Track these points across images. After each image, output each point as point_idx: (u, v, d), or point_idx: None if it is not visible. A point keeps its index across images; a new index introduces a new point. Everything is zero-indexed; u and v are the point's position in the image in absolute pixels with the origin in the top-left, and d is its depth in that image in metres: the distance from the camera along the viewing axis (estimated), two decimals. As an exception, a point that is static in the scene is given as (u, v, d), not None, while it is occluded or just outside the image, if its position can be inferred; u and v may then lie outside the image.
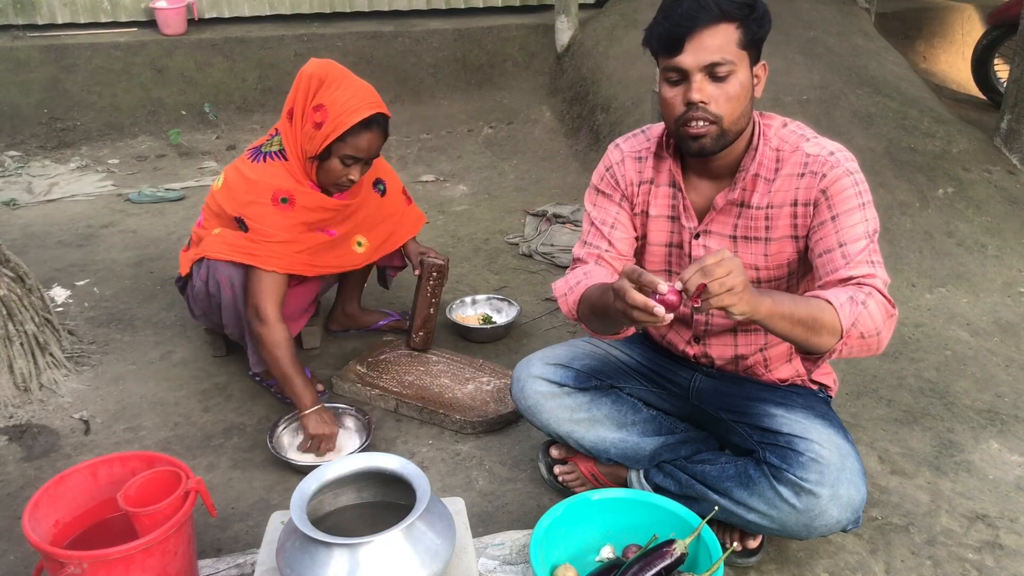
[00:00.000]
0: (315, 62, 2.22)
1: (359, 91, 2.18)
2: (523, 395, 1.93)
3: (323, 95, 2.16)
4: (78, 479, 1.70)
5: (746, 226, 1.72)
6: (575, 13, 5.22)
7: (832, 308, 1.47)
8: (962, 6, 6.36)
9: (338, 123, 2.15)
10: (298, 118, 2.21)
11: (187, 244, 2.51)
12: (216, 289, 2.28)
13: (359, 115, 2.15)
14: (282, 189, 2.23)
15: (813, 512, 1.61)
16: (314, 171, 2.26)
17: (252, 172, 2.27)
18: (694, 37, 1.53)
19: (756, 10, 1.55)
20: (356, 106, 2.15)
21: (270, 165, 2.26)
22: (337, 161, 2.21)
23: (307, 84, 2.19)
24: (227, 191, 2.30)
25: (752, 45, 1.57)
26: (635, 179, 1.81)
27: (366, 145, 2.20)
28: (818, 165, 1.63)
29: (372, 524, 1.53)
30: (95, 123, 4.86)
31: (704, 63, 1.53)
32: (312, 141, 2.19)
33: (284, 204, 2.24)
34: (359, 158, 2.22)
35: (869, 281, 1.54)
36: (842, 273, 1.56)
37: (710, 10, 1.52)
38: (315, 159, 2.22)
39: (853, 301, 1.48)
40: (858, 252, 1.57)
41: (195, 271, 2.32)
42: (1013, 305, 3.05)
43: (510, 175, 4.41)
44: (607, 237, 1.81)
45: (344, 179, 2.25)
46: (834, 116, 3.89)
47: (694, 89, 1.55)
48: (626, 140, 1.85)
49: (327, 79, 2.17)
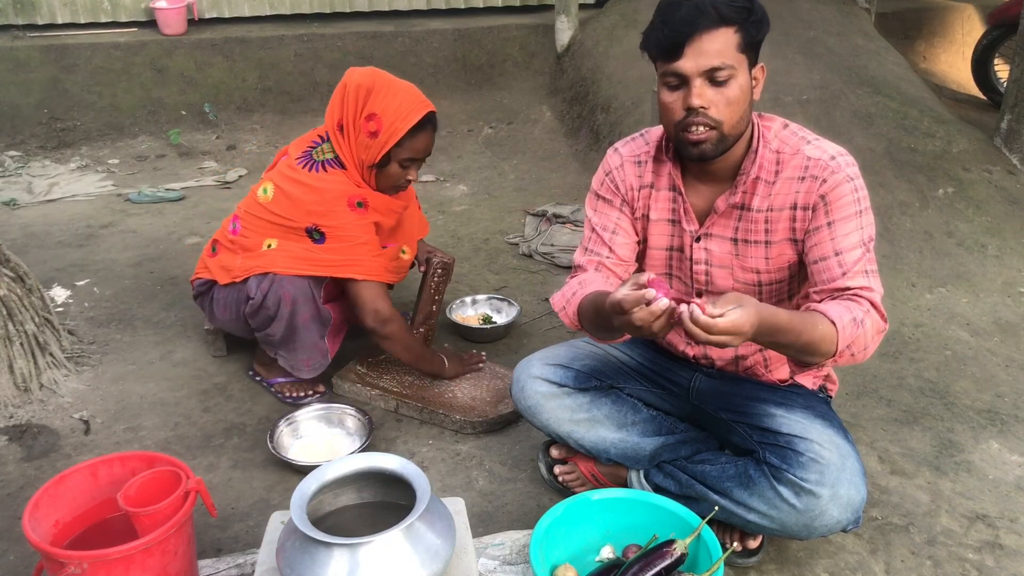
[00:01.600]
0: (357, 71, 2.26)
1: (408, 94, 2.23)
2: (523, 395, 1.93)
3: (373, 104, 2.19)
4: (78, 479, 1.70)
5: (747, 229, 1.71)
6: (575, 13, 5.22)
7: (835, 330, 1.49)
8: (962, 6, 6.37)
9: (394, 130, 2.19)
10: (351, 130, 2.24)
11: (212, 249, 2.47)
12: (275, 303, 2.27)
13: (413, 118, 2.20)
14: (356, 194, 2.27)
15: (813, 512, 1.61)
16: (373, 177, 2.29)
17: (317, 181, 2.26)
18: (693, 42, 1.52)
19: (754, 13, 1.55)
20: (408, 110, 2.20)
21: (332, 173, 2.27)
22: (396, 165, 2.27)
23: (355, 95, 2.21)
24: (289, 201, 2.28)
25: (750, 48, 1.57)
26: (635, 183, 1.81)
27: (423, 146, 2.27)
28: (819, 169, 1.63)
29: (372, 524, 1.53)
30: (95, 123, 4.86)
31: (704, 68, 1.53)
32: (369, 150, 2.23)
33: (360, 208, 2.27)
34: (417, 159, 2.29)
35: (866, 295, 1.56)
36: (839, 283, 1.58)
37: (709, 15, 1.51)
38: (374, 167, 2.26)
39: (855, 323, 1.51)
40: (855, 262, 1.58)
41: (254, 284, 2.29)
42: (1013, 305, 3.05)
43: (510, 175, 4.41)
44: (608, 243, 1.81)
45: (403, 180, 2.31)
46: (834, 116, 3.89)
47: (694, 94, 1.55)
48: (625, 144, 1.85)
49: (374, 87, 2.21)
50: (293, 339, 2.34)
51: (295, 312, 2.28)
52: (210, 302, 2.46)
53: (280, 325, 2.31)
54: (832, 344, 1.49)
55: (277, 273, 2.26)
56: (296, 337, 2.33)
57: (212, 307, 2.46)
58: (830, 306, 1.54)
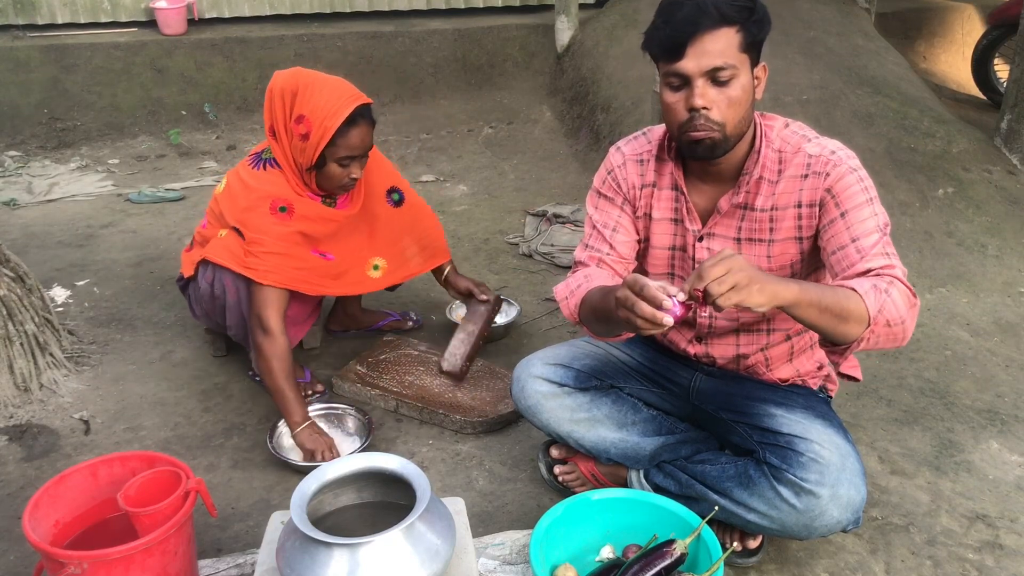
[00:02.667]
0: (280, 75, 2.20)
1: (334, 90, 2.15)
2: (523, 395, 1.93)
3: (300, 105, 2.14)
4: (78, 479, 1.70)
5: (750, 228, 1.71)
6: (575, 13, 5.22)
7: (858, 296, 1.44)
8: (962, 6, 6.36)
9: (324, 129, 2.12)
10: (282, 134, 2.20)
11: (189, 244, 2.50)
12: (222, 291, 2.27)
13: (342, 114, 2.12)
14: (280, 197, 2.22)
15: (813, 512, 1.61)
16: (313, 180, 2.24)
17: (252, 179, 2.26)
18: (695, 42, 1.52)
19: (756, 12, 1.55)
20: (336, 106, 2.12)
21: (269, 173, 2.25)
22: (334, 165, 2.20)
23: (280, 99, 2.17)
24: (228, 196, 2.29)
25: (752, 47, 1.57)
26: (637, 182, 1.81)
27: (358, 141, 2.18)
28: (821, 165, 1.63)
29: (372, 524, 1.53)
30: (95, 123, 4.86)
31: (706, 68, 1.53)
32: (304, 153, 2.18)
33: (282, 213, 2.22)
34: (354, 155, 2.21)
35: (888, 272, 1.52)
36: (859, 267, 1.54)
37: (710, 14, 1.51)
38: (312, 169, 2.21)
39: (877, 289, 1.46)
40: (872, 245, 1.55)
41: (200, 272, 2.32)
42: (1013, 305, 3.05)
43: (510, 175, 4.41)
44: (608, 240, 1.81)
45: (347, 179, 2.24)
46: (834, 116, 3.89)
47: (696, 95, 1.55)
48: (627, 143, 1.85)
49: (299, 88, 2.15)
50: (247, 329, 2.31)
51: (242, 300, 2.26)
52: (188, 300, 2.48)
53: (234, 315, 2.29)
54: (862, 311, 1.43)
55: (211, 261, 2.25)
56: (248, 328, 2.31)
57: (190, 305, 2.48)
58: (850, 281, 1.50)
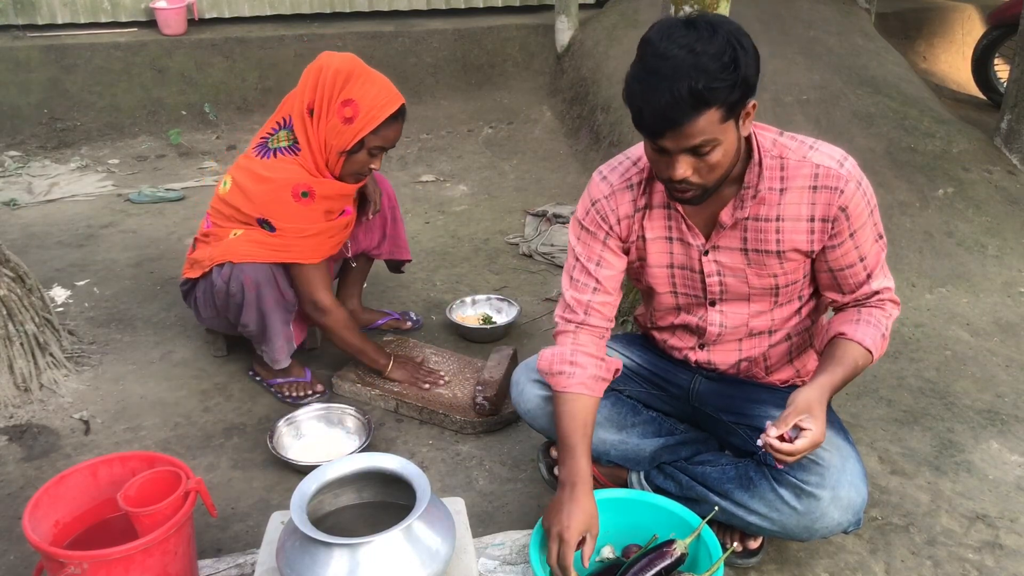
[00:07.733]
0: (335, 56, 2.25)
1: (385, 84, 2.27)
2: (523, 399, 1.92)
3: (351, 90, 2.20)
4: (78, 479, 1.70)
5: (756, 238, 1.67)
6: (575, 13, 5.22)
7: (871, 356, 1.65)
8: (962, 6, 6.37)
9: (371, 117, 2.21)
10: (322, 113, 2.23)
11: (192, 247, 2.49)
12: (238, 288, 2.27)
13: (390, 108, 2.24)
14: (300, 183, 2.26)
15: (814, 514, 1.61)
16: (340, 164, 2.29)
17: (266, 170, 2.27)
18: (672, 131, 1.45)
19: (736, 83, 1.42)
20: (386, 99, 2.23)
21: (282, 160, 2.27)
22: (365, 153, 2.28)
23: (333, 79, 2.21)
24: (240, 193, 2.30)
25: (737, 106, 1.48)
26: (629, 210, 1.74)
27: (394, 136, 2.32)
28: (832, 179, 1.60)
29: (372, 524, 1.53)
30: (95, 123, 4.86)
31: (685, 147, 1.48)
32: (342, 136, 2.23)
33: (305, 198, 2.26)
34: (385, 148, 2.32)
35: (888, 296, 1.71)
36: (866, 288, 1.69)
37: (683, 106, 1.41)
38: (344, 152, 2.26)
39: (884, 338, 1.67)
40: (875, 261, 1.68)
41: (215, 273, 2.31)
42: (1013, 305, 3.05)
43: (510, 175, 4.41)
44: (594, 275, 1.77)
45: (367, 168, 2.33)
46: (834, 116, 3.89)
47: (677, 169, 1.50)
48: (612, 170, 1.77)
49: (353, 74, 2.22)
50: (266, 327, 2.34)
51: (260, 296, 2.28)
52: (195, 301, 2.47)
53: (251, 313, 2.31)
54: (868, 358, 1.65)
55: (236, 261, 2.27)
56: (268, 323, 2.34)
57: (196, 306, 2.47)
58: (859, 329, 1.65)
